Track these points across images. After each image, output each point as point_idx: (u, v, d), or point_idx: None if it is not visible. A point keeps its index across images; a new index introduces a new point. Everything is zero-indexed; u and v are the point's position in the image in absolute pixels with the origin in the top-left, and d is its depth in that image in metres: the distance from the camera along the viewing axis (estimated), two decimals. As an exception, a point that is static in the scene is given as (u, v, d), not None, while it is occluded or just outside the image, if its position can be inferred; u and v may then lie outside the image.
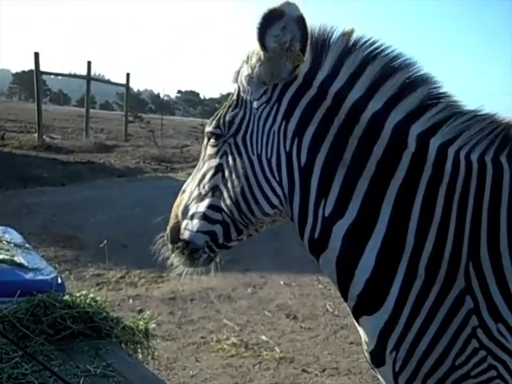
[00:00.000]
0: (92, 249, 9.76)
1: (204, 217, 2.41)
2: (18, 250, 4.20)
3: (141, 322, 3.71)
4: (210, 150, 2.41)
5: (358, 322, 2.24)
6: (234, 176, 2.32)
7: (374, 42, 2.23)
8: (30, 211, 12.60)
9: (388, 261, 2.09)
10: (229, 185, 2.33)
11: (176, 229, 2.51)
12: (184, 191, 2.52)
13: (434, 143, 2.12)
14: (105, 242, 4.80)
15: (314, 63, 2.24)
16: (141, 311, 6.59)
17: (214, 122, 2.40)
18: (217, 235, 2.42)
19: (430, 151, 2.10)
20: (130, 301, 7.75)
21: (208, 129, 2.42)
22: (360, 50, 2.22)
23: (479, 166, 2.09)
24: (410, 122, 2.14)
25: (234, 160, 2.32)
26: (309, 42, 2.17)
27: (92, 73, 29.82)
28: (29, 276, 3.71)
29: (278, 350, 6.51)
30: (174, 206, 2.56)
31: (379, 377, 2.24)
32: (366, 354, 2.26)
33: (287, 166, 2.25)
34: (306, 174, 2.21)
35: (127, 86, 31.71)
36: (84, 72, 29.26)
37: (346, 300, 2.24)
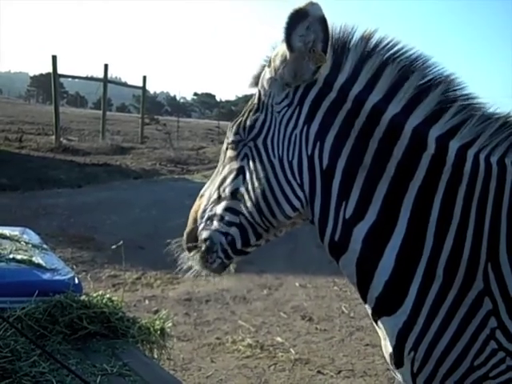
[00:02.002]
0: (108, 250, 9.79)
1: (221, 218, 2.39)
2: (36, 250, 4.24)
3: (157, 322, 3.74)
4: (230, 153, 2.41)
5: (376, 323, 2.25)
6: (254, 178, 2.32)
7: (394, 45, 2.23)
8: (47, 213, 12.70)
9: (407, 262, 2.09)
10: (250, 187, 2.32)
11: (193, 234, 2.50)
12: (202, 195, 2.52)
13: (453, 145, 2.12)
14: (120, 242, 4.84)
15: (335, 66, 2.25)
16: (156, 312, 6.61)
17: (234, 128, 2.39)
18: (234, 239, 2.40)
19: (450, 153, 2.11)
20: (146, 302, 7.79)
21: (228, 135, 2.42)
22: (380, 53, 2.22)
23: (499, 168, 2.08)
24: (429, 125, 2.15)
25: (254, 163, 2.32)
26: (330, 43, 2.17)
27: (109, 75, 30.02)
28: (46, 276, 3.75)
29: (293, 352, 6.51)
30: (192, 211, 2.55)
31: (399, 378, 2.24)
32: (386, 356, 2.27)
33: (309, 169, 2.25)
34: (327, 177, 2.22)
35: (144, 88, 31.89)
36: (101, 75, 29.52)
37: (365, 302, 2.24)
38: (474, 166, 2.09)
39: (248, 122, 2.36)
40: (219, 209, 2.40)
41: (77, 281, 3.84)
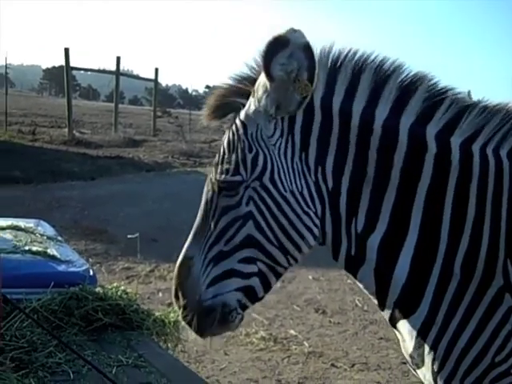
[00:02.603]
0: (121, 242, 9.85)
1: (235, 273, 2.18)
2: (51, 242, 4.25)
3: (171, 315, 3.73)
4: (225, 201, 2.19)
5: (395, 326, 2.23)
6: (270, 220, 2.16)
7: (356, 53, 2.17)
8: (60, 205, 12.77)
9: (422, 264, 2.08)
10: (266, 230, 2.16)
11: (190, 306, 2.24)
12: (190, 258, 2.23)
13: (455, 142, 2.08)
14: (136, 234, 4.84)
15: None
16: (170, 304, 6.62)
17: (227, 170, 2.19)
18: (255, 289, 2.21)
19: (453, 151, 2.07)
20: (160, 294, 7.80)
21: (222, 178, 2.19)
22: (347, 63, 2.16)
23: (510, 161, 2.06)
24: (423, 123, 2.10)
25: (265, 203, 2.16)
26: (316, 71, 2.07)
27: (121, 68, 30.06)
28: (61, 268, 3.76)
29: (306, 345, 6.51)
30: (176, 282, 2.28)
31: (420, 378, 2.22)
32: (406, 356, 2.25)
33: (318, 195, 2.18)
34: (334, 197, 2.16)
35: (156, 81, 31.91)
36: (113, 67, 29.52)
37: (383, 309, 2.22)
38: (483, 161, 2.05)
39: (248, 160, 2.18)
40: (227, 265, 2.19)
41: (91, 273, 3.85)
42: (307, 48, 2.03)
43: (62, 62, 26.25)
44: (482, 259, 2.01)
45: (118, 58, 28.83)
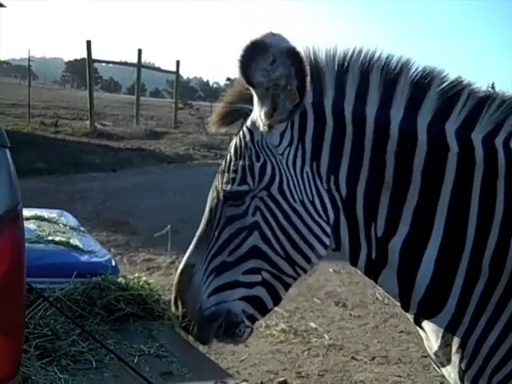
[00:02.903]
0: (142, 234, 9.90)
1: (239, 284, 2.13)
2: (74, 232, 4.28)
3: None
4: (230, 211, 2.12)
5: (420, 326, 2.20)
6: (277, 231, 2.09)
7: (360, 52, 2.10)
8: (82, 196, 12.86)
9: (447, 264, 2.04)
10: (273, 242, 2.09)
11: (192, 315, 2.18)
12: (191, 265, 2.18)
13: (477, 138, 2.02)
14: (168, 227, 4.84)
15: (316, 92, 2.10)
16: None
17: (233, 179, 2.13)
18: (262, 300, 2.15)
19: (476, 148, 2.01)
20: (180, 285, 7.81)
21: (229, 188, 2.12)
22: (354, 64, 2.09)
23: None
24: (441, 121, 2.04)
25: (273, 214, 2.10)
26: (308, 77, 1.98)
27: (142, 60, 30.12)
28: (84, 258, 3.78)
29: (327, 337, 6.50)
30: (176, 290, 2.22)
31: (446, 376, 2.21)
32: (431, 355, 2.23)
33: (331, 203, 2.11)
34: (349, 205, 2.10)
35: (177, 73, 31.93)
36: (135, 60, 29.59)
37: (407, 310, 2.18)
38: (508, 155, 2.00)
39: (256, 170, 2.11)
40: (231, 277, 2.13)
41: (113, 263, 3.87)
42: (293, 53, 1.94)
43: (84, 55, 26.38)
44: (511, 257, 1.97)
45: (140, 51, 28.91)
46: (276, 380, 5.50)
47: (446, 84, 2.05)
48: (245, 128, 2.18)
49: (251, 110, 2.18)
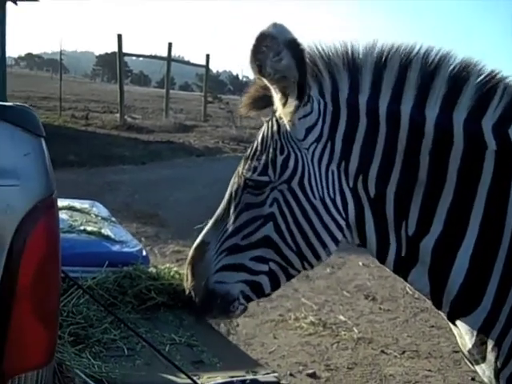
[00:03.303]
0: (172, 226, 9.96)
1: (244, 269, 2.18)
2: (105, 222, 4.32)
3: None
4: (249, 199, 2.16)
5: (453, 324, 2.18)
6: (292, 225, 2.11)
7: (400, 47, 2.07)
8: (112, 189, 12.96)
9: (482, 262, 2.01)
10: (286, 235, 2.12)
11: (200, 288, 2.25)
12: (206, 243, 2.24)
13: None
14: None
15: (352, 86, 2.08)
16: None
17: (255, 168, 2.15)
18: (262, 286, 2.21)
19: None
20: (210, 277, 7.84)
21: (249, 175, 2.14)
22: (392, 60, 2.06)
23: None
24: (477, 118, 2.00)
25: (290, 208, 2.11)
26: (308, 71, 1.98)
27: (172, 54, 30.24)
28: (115, 248, 3.82)
29: (356, 331, 6.48)
30: (189, 263, 2.29)
31: (480, 373, 2.18)
32: (465, 352, 2.20)
33: (354, 201, 2.11)
34: (377, 204, 2.09)
35: (207, 66, 31.98)
36: (164, 53, 29.71)
37: (439, 308, 2.16)
38: None
39: (278, 162, 2.11)
40: (240, 258, 2.18)
41: (144, 253, 3.90)
42: (293, 45, 1.93)
43: (115, 49, 26.58)
44: None
45: (170, 44, 29.02)
46: (305, 372, 5.51)
47: (482, 78, 2.01)
48: (274, 118, 2.19)
49: None
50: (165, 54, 29.56)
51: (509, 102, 1.99)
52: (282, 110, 2.08)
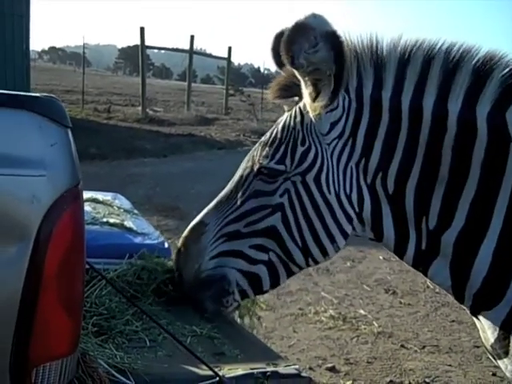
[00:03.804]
0: (192, 219, 9.96)
1: (243, 256, 2.15)
2: (128, 215, 4.34)
3: None
4: (259, 186, 2.13)
5: (476, 318, 2.17)
6: (301, 219, 2.10)
7: (423, 42, 2.06)
8: (133, 181, 13.04)
9: (507, 255, 1.99)
10: (293, 228, 2.10)
11: (195, 271, 2.20)
12: (205, 223, 2.20)
13: None
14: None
15: (376, 82, 2.07)
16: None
17: (272, 156, 2.13)
18: (260, 279, 2.18)
19: None
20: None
21: (266, 163, 2.12)
22: (415, 55, 2.04)
23: None
24: (501, 111, 1.98)
25: (300, 200, 2.10)
26: (346, 63, 1.95)
27: (194, 47, 30.27)
28: (138, 240, 3.83)
29: (376, 325, 6.48)
30: (182, 243, 2.26)
31: (503, 368, 2.17)
32: (487, 346, 2.19)
33: (371, 197, 2.10)
34: (396, 200, 2.08)
35: (229, 59, 31.97)
36: (186, 46, 29.74)
37: (461, 302, 2.15)
38: None
39: (297, 154, 2.10)
40: (238, 246, 2.14)
41: (166, 245, 3.91)
42: (333, 37, 1.90)
43: (137, 42, 26.67)
44: None
45: (192, 37, 29.06)
46: (324, 366, 5.53)
47: (507, 71, 1.99)
48: (297, 108, 2.18)
49: None
50: (187, 46, 29.61)
51: None
52: (311, 103, 2.07)
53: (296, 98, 2.27)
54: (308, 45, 1.90)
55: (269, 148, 2.14)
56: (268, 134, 2.22)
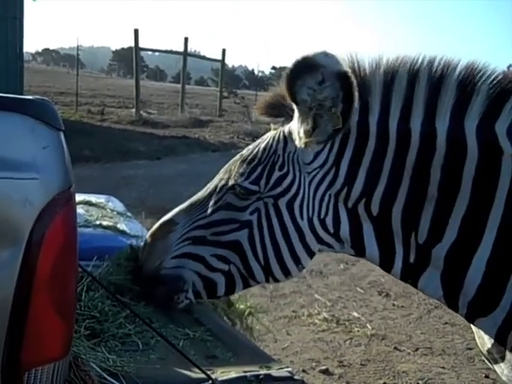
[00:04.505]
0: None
1: (203, 262, 2.17)
2: (121, 217, 4.34)
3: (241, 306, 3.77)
4: (232, 200, 2.14)
5: (472, 323, 2.16)
6: (267, 239, 2.10)
7: (406, 60, 2.02)
8: (127, 183, 13.02)
9: (501, 263, 1.97)
10: (258, 247, 2.11)
11: (153, 268, 2.22)
12: (174, 223, 2.23)
13: None
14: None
15: (362, 107, 2.02)
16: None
17: (248, 175, 2.12)
18: (216, 285, 2.19)
19: None
20: (223, 272, 7.86)
21: (241, 181, 2.12)
22: (399, 75, 2.01)
23: None
24: (490, 124, 1.94)
25: (269, 222, 2.10)
26: (355, 103, 1.92)
27: (188, 49, 30.25)
28: (131, 242, 3.82)
29: (369, 327, 6.48)
30: (150, 236, 2.28)
31: (498, 372, 2.17)
32: (484, 351, 2.19)
33: (350, 220, 2.08)
34: (381, 221, 2.06)
35: (223, 61, 31.95)
36: (180, 48, 29.72)
37: (455, 310, 2.14)
38: None
39: (273, 178, 2.10)
40: (201, 251, 2.16)
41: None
42: (344, 77, 1.88)
43: (131, 44, 26.63)
44: None
45: (186, 39, 29.03)
46: (318, 368, 5.52)
47: (490, 81, 1.96)
48: (281, 133, 2.17)
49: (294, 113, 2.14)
50: (181, 48, 29.58)
51: None
52: (305, 136, 2.03)
53: (282, 119, 2.25)
54: (314, 81, 1.89)
55: (246, 166, 2.15)
56: (250, 148, 2.24)
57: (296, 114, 2.07)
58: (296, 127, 2.08)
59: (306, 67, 1.89)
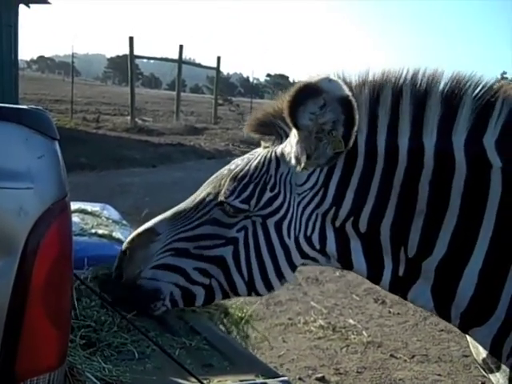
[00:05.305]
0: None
1: (184, 274, 2.13)
2: (116, 225, 4.34)
3: (233, 301, 3.76)
4: (219, 215, 2.10)
5: (466, 334, 2.14)
6: (253, 257, 2.08)
7: (389, 76, 2.01)
8: (122, 191, 13.01)
9: (493, 273, 1.95)
10: (243, 263, 2.09)
11: (134, 276, 2.16)
12: (156, 233, 2.16)
13: None
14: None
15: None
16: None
17: (238, 194, 2.09)
18: (195, 297, 2.16)
19: None
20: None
21: (230, 200, 2.08)
22: (383, 93, 1.99)
23: None
24: (478, 138, 1.92)
25: (256, 241, 2.08)
26: (355, 128, 1.90)
27: (183, 56, 30.31)
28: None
29: (365, 334, 6.47)
30: (130, 242, 2.21)
31: (493, 382, 2.16)
32: (479, 361, 2.17)
33: (337, 237, 2.07)
34: (369, 237, 2.04)
35: (218, 69, 32.02)
36: (175, 56, 29.77)
37: (448, 320, 2.11)
38: None
39: (264, 199, 2.07)
40: (183, 264, 2.13)
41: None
42: (346, 102, 1.86)
43: (126, 51, 26.69)
44: None
45: (181, 47, 29.11)
46: (314, 376, 5.51)
47: (476, 93, 1.94)
48: (274, 154, 2.14)
49: (285, 132, 2.14)
50: (176, 56, 29.63)
51: (508, 115, 1.91)
52: (306, 159, 2.01)
53: (273, 137, 2.23)
54: (316, 106, 1.88)
55: (237, 183, 2.11)
56: (239, 164, 2.20)
57: (294, 138, 2.04)
58: (293, 151, 2.05)
59: (308, 93, 1.88)
